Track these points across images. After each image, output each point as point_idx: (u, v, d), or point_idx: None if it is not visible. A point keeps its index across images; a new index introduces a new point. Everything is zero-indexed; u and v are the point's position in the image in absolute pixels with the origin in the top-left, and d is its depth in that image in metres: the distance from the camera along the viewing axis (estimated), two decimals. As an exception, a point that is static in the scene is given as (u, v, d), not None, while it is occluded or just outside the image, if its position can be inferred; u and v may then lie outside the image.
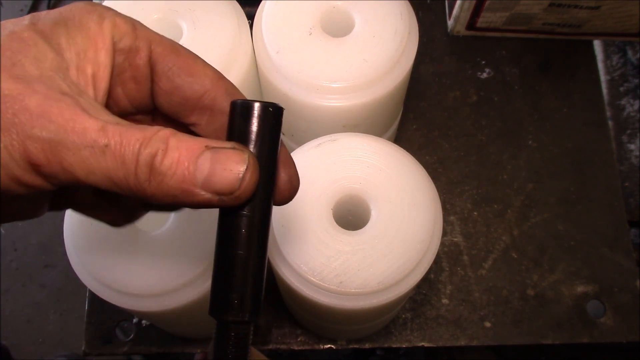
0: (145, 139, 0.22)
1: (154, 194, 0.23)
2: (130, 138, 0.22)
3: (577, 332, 0.58)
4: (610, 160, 0.65)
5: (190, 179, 0.23)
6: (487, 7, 0.64)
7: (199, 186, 0.23)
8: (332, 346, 0.57)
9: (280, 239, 0.40)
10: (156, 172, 0.22)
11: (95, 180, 0.23)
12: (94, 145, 0.22)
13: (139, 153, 0.22)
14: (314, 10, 0.47)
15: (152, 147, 0.22)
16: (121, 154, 0.22)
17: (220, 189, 0.23)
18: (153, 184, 0.23)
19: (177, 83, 0.27)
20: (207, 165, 0.23)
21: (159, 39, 0.27)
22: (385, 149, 0.43)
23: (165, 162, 0.22)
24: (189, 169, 0.23)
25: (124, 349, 0.57)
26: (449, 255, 0.60)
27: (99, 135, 0.22)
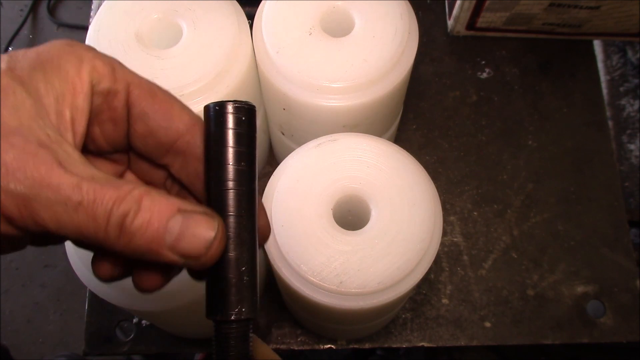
0: (119, 198, 0.23)
1: (122, 250, 0.24)
2: (104, 196, 0.23)
3: (577, 332, 0.58)
4: (610, 160, 0.65)
5: (158, 240, 0.24)
6: (487, 7, 0.65)
7: (166, 248, 0.24)
8: (332, 346, 0.57)
9: (280, 239, 0.40)
10: (126, 231, 0.23)
11: (66, 233, 0.23)
12: (68, 202, 0.22)
13: (111, 212, 0.23)
14: (314, 10, 0.47)
15: (124, 207, 0.23)
16: (93, 212, 0.23)
17: (186, 253, 0.24)
18: (122, 241, 0.23)
19: (152, 127, 0.27)
20: (177, 229, 0.24)
21: (137, 81, 0.27)
22: (385, 149, 0.43)
23: (135, 222, 0.23)
24: (158, 231, 0.23)
25: (124, 349, 0.57)
26: (449, 255, 0.60)
27: (74, 192, 0.22)
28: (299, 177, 0.42)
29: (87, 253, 0.41)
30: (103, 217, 0.23)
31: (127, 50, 0.46)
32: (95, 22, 0.47)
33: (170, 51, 0.46)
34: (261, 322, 0.58)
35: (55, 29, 1.37)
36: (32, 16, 1.38)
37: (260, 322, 0.58)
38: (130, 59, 0.45)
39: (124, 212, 0.23)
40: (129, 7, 0.47)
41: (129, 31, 0.46)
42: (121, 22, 0.47)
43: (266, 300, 0.58)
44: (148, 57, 0.46)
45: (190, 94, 0.45)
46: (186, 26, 0.47)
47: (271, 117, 0.54)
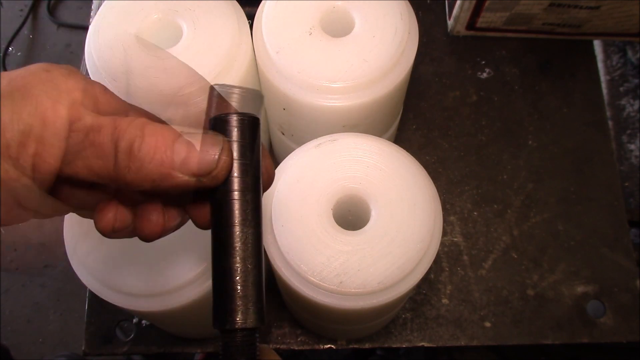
0: (121, 128, 0.23)
1: (134, 179, 0.23)
2: (106, 129, 0.23)
3: (577, 332, 0.58)
4: (610, 160, 0.65)
5: (168, 162, 0.24)
6: (487, 7, 0.64)
7: (177, 169, 0.24)
8: (332, 346, 0.57)
9: (280, 239, 0.40)
10: (135, 158, 0.23)
11: (78, 173, 0.23)
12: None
13: (118, 143, 0.23)
14: (314, 10, 0.47)
15: (129, 135, 0.23)
16: (100, 144, 0.23)
17: (197, 170, 0.24)
18: (132, 170, 0.23)
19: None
20: (184, 149, 0.24)
21: (123, 111, 0.26)
22: (385, 149, 0.43)
23: (143, 148, 0.23)
24: (166, 154, 0.23)
25: (124, 349, 0.57)
26: (449, 255, 0.60)
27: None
28: (299, 177, 0.42)
29: (87, 253, 0.41)
30: (111, 149, 0.23)
31: (127, 50, 0.46)
32: (95, 22, 0.47)
33: (170, 51, 0.46)
34: (261, 322, 0.58)
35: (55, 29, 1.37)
36: (32, 16, 1.38)
37: (260, 322, 0.58)
38: (130, 59, 0.45)
39: (130, 139, 0.23)
40: (129, 7, 0.47)
41: (129, 31, 0.46)
42: (121, 22, 0.47)
43: (266, 300, 0.58)
44: (148, 57, 0.46)
45: (190, 93, 0.45)
46: (186, 26, 0.47)
47: (271, 117, 0.54)
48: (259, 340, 0.27)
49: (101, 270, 0.41)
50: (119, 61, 0.45)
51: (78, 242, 0.42)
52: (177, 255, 0.41)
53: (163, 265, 0.41)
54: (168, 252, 0.41)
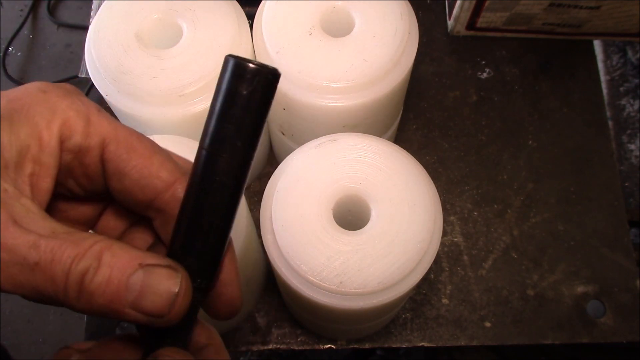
0: (78, 255, 0.22)
1: (83, 310, 0.23)
2: (62, 254, 0.22)
3: (577, 332, 0.58)
4: (610, 160, 0.65)
5: (119, 299, 0.22)
6: (487, 7, 0.64)
7: (127, 306, 0.22)
8: (332, 346, 0.57)
9: (280, 239, 0.40)
10: (85, 290, 0.22)
11: (23, 293, 0.22)
12: (24, 262, 0.21)
13: (69, 271, 0.22)
14: (314, 10, 0.47)
15: (83, 264, 0.22)
16: (51, 272, 0.22)
17: (149, 311, 0.23)
18: (82, 301, 0.22)
19: (128, 186, 0.25)
20: (138, 286, 0.22)
21: (113, 133, 0.25)
22: (385, 149, 0.43)
23: (95, 280, 0.22)
24: (118, 289, 0.22)
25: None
26: (449, 255, 0.60)
27: (30, 252, 0.21)
28: (299, 177, 0.42)
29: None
30: (61, 278, 0.22)
31: (127, 50, 0.46)
32: (95, 22, 0.47)
33: (170, 51, 0.46)
34: (261, 322, 0.58)
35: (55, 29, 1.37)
36: (32, 16, 1.38)
37: (260, 322, 0.58)
38: (130, 59, 0.45)
39: (83, 269, 0.22)
40: (129, 7, 0.47)
41: (129, 31, 0.46)
42: (121, 22, 0.47)
43: (266, 300, 0.58)
44: (148, 57, 0.46)
45: (190, 94, 0.45)
46: (186, 26, 0.47)
47: (271, 117, 0.54)
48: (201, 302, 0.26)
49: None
50: (119, 61, 0.45)
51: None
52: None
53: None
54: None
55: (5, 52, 1.35)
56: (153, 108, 0.45)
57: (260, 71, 0.23)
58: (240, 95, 0.23)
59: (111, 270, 0.22)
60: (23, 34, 1.36)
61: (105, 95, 0.46)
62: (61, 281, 0.22)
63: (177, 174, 0.26)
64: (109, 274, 0.22)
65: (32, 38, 1.37)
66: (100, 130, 0.25)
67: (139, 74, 0.45)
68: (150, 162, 0.26)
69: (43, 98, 0.24)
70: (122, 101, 0.45)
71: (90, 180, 0.26)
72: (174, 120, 0.46)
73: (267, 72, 0.23)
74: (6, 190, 0.22)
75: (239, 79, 0.23)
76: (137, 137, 0.26)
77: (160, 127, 0.46)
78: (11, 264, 0.21)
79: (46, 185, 0.24)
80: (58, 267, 0.22)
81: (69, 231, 0.23)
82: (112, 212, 0.29)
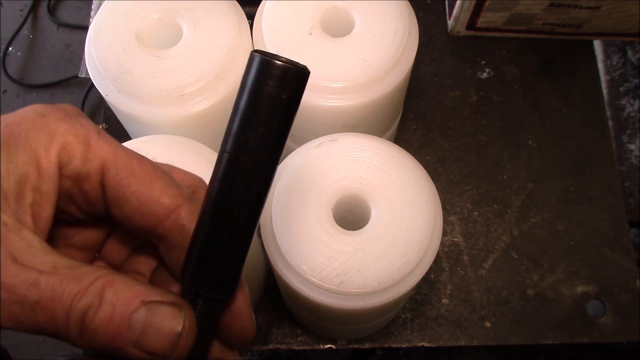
0: (79, 293, 0.21)
1: (86, 347, 0.22)
2: (63, 292, 0.21)
3: (577, 332, 0.58)
4: (610, 160, 0.65)
5: (121, 337, 0.22)
6: (487, 7, 0.64)
7: (130, 344, 0.22)
8: (332, 346, 0.57)
9: (280, 239, 0.40)
10: (87, 328, 0.21)
11: (24, 330, 0.22)
12: (24, 301, 0.21)
13: (71, 309, 0.21)
14: (314, 10, 0.47)
15: (85, 302, 0.21)
16: (52, 311, 0.21)
17: (151, 350, 0.22)
18: (84, 339, 0.22)
19: (128, 212, 0.25)
20: (140, 325, 0.22)
21: (113, 158, 0.24)
22: (385, 149, 0.43)
23: (97, 318, 0.21)
24: (120, 327, 0.22)
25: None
26: (449, 255, 0.60)
27: (30, 290, 0.21)
28: (299, 177, 0.42)
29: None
30: (62, 316, 0.21)
31: (127, 50, 0.46)
32: (95, 22, 0.47)
33: (170, 51, 0.46)
34: (261, 322, 0.58)
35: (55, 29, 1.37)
36: (32, 16, 1.38)
37: (260, 322, 0.58)
38: (130, 59, 0.45)
39: (85, 307, 0.21)
40: (129, 7, 0.47)
41: (129, 31, 0.46)
42: (121, 22, 0.47)
43: (266, 300, 0.58)
44: (148, 57, 0.46)
45: (190, 94, 0.45)
46: (186, 26, 0.47)
47: (271, 117, 0.54)
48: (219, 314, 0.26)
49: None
50: (119, 61, 0.45)
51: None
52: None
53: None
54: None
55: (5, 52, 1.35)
56: (153, 108, 0.45)
57: (289, 69, 0.21)
58: (268, 96, 0.22)
59: (113, 307, 0.22)
60: (23, 34, 1.35)
61: (105, 95, 0.46)
62: (62, 320, 0.21)
63: (179, 199, 0.25)
64: (111, 311, 0.22)
65: (32, 38, 1.37)
66: (100, 155, 0.24)
67: (139, 74, 0.45)
68: (151, 188, 0.25)
69: (41, 122, 0.23)
70: (122, 101, 0.45)
71: (91, 206, 0.25)
72: (174, 120, 0.45)
73: (296, 70, 0.22)
74: (6, 223, 0.22)
75: (266, 77, 0.22)
76: (138, 161, 0.25)
77: (160, 127, 0.46)
78: (11, 303, 0.21)
79: (47, 214, 0.23)
80: (59, 306, 0.21)
81: (70, 265, 0.22)
82: (117, 237, 0.28)
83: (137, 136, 0.47)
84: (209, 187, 0.24)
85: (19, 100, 1.37)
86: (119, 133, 0.62)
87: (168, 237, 0.25)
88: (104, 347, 0.22)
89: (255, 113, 0.22)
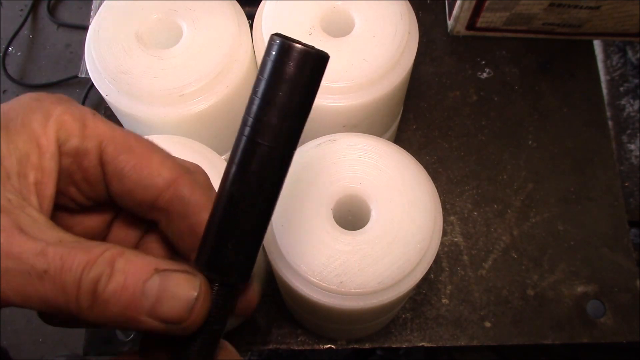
0: (89, 262, 0.21)
1: (96, 320, 0.21)
2: (73, 262, 0.21)
3: (577, 332, 0.58)
4: (610, 160, 0.65)
5: (135, 306, 0.21)
6: (487, 7, 0.64)
7: (144, 313, 0.21)
8: (332, 346, 0.57)
9: (280, 239, 0.40)
10: (99, 298, 0.21)
11: (32, 305, 0.21)
12: (32, 271, 0.20)
13: (81, 279, 0.21)
14: (314, 10, 0.47)
15: (96, 271, 0.21)
16: (61, 281, 0.20)
17: (167, 317, 0.22)
18: (96, 311, 0.21)
19: (128, 186, 0.25)
20: (155, 291, 0.21)
21: (110, 135, 0.25)
22: (385, 149, 0.43)
23: (109, 287, 0.21)
24: (134, 295, 0.21)
25: (124, 349, 0.57)
26: (449, 255, 0.60)
27: (37, 259, 0.20)
28: (299, 177, 0.42)
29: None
30: (73, 285, 0.20)
31: (127, 50, 0.46)
32: (95, 22, 0.47)
33: (170, 51, 0.46)
34: (261, 322, 0.58)
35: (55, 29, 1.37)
36: (32, 16, 1.38)
37: (260, 322, 0.58)
38: (130, 59, 0.45)
39: (96, 277, 0.21)
40: (129, 7, 0.47)
41: (129, 31, 0.46)
42: (121, 22, 0.47)
43: (266, 300, 0.58)
44: (148, 57, 0.46)
45: (190, 94, 0.45)
46: (186, 26, 0.47)
47: (271, 117, 0.54)
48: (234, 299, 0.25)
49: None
50: (119, 61, 0.45)
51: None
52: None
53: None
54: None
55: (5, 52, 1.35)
56: (153, 108, 0.45)
57: (309, 53, 0.22)
58: (289, 79, 0.22)
59: (125, 276, 0.21)
60: (23, 33, 1.36)
61: (105, 95, 0.46)
62: (72, 290, 0.21)
63: (178, 170, 0.25)
64: (123, 280, 0.21)
65: (32, 38, 1.37)
66: (97, 132, 0.24)
67: (139, 74, 0.45)
68: (150, 161, 0.25)
69: (36, 106, 0.24)
70: (122, 101, 0.45)
71: (91, 186, 0.25)
72: (174, 120, 0.46)
73: (316, 53, 0.22)
74: (9, 200, 0.21)
75: (287, 59, 0.21)
76: (135, 137, 0.25)
77: (160, 127, 0.46)
78: (18, 274, 0.20)
79: (49, 192, 0.23)
80: (69, 275, 0.21)
81: (77, 239, 0.22)
82: (121, 224, 0.28)
83: (137, 136, 0.47)
84: (225, 172, 0.24)
85: (19, 100, 1.37)
86: (119, 133, 0.61)
87: (169, 208, 0.25)
88: (116, 319, 0.21)
89: (275, 95, 0.22)
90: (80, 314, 0.21)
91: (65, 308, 0.21)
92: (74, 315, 0.21)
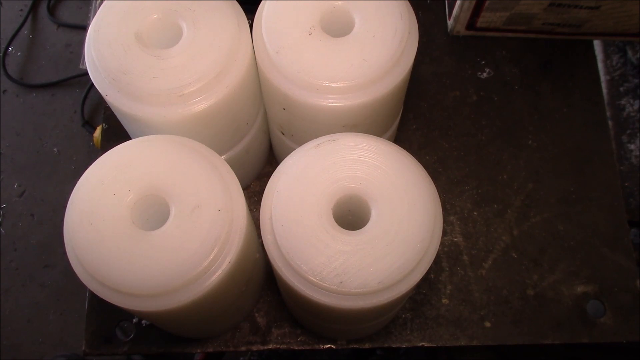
0: None
1: None
2: None
3: (577, 332, 0.58)
4: (610, 160, 0.65)
5: None
6: (487, 7, 0.64)
7: None
8: (332, 346, 0.57)
9: (280, 239, 0.40)
10: None
11: None
12: None
13: None
14: (314, 10, 0.47)
15: None
16: None
17: None
18: None
19: None
20: None
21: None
22: (385, 149, 0.43)
23: None
24: None
25: (124, 349, 0.57)
26: (449, 255, 0.60)
27: None
28: (299, 177, 0.42)
29: (87, 253, 0.41)
30: None
31: (127, 50, 0.46)
32: (95, 22, 0.47)
33: (170, 51, 0.46)
34: (261, 322, 0.58)
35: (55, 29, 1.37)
36: (32, 16, 1.38)
37: (260, 322, 0.58)
38: (130, 59, 0.45)
39: None
40: (129, 7, 0.47)
41: (129, 31, 0.46)
42: (121, 22, 0.47)
43: (266, 300, 0.58)
44: (148, 57, 0.46)
45: (190, 93, 0.45)
46: (186, 26, 0.47)
47: (271, 117, 0.54)
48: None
49: (101, 270, 0.41)
50: (119, 61, 0.45)
51: (78, 242, 0.42)
52: (177, 256, 0.41)
53: (163, 265, 0.41)
54: (168, 252, 0.41)
55: (5, 52, 1.35)
56: (153, 108, 0.45)
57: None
58: None
59: None
60: (23, 34, 1.36)
61: (105, 95, 0.46)
62: None
63: None
64: None
65: (32, 38, 1.37)
66: None
67: (139, 74, 0.45)
68: None
69: None
70: (122, 101, 0.45)
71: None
72: (174, 120, 0.46)
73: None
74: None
75: None
76: None
77: (160, 127, 0.46)
78: None
79: None
80: None
81: None
82: None
83: (137, 136, 0.47)
84: None
85: (19, 100, 1.38)
86: (119, 133, 0.62)
87: None
88: None
89: None
90: None
91: None
92: None
